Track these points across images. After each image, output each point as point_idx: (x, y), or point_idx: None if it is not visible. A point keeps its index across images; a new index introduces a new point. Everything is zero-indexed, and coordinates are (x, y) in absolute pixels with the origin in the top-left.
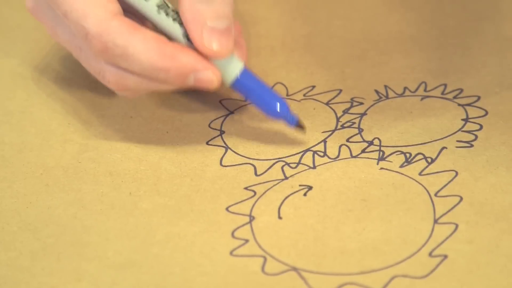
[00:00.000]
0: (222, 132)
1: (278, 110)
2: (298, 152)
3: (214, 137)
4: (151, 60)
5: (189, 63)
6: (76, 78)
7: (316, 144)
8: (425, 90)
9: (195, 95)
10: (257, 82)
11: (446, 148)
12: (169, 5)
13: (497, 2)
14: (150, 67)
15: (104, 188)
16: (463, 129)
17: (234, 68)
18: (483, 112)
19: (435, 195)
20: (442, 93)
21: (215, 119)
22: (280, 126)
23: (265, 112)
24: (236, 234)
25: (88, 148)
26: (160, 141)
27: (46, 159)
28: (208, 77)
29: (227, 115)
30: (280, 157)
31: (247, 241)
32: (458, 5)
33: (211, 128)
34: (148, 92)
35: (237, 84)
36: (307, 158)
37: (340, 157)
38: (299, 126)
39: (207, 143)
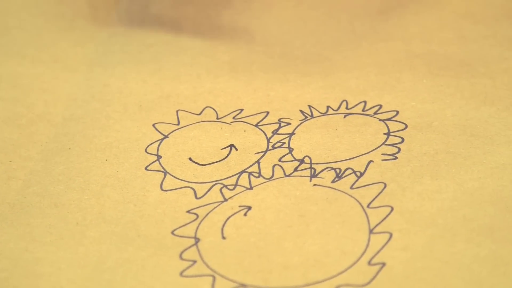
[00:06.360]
0: (159, 157)
1: None
2: (234, 174)
3: (152, 162)
4: None
5: None
6: (14, 117)
7: (251, 166)
8: (347, 108)
9: (129, 121)
10: None
11: (372, 161)
12: None
13: (405, 23)
14: None
15: (51, 220)
16: (386, 143)
17: None
18: (403, 126)
19: (368, 206)
20: (363, 110)
21: (151, 144)
22: (214, 148)
23: None
24: (184, 255)
25: (32, 183)
26: (100, 169)
27: None
28: None
29: (162, 140)
30: (217, 179)
31: (195, 262)
32: (368, 27)
33: (148, 153)
34: None
35: None
36: (244, 179)
37: (274, 177)
38: None
39: (146, 169)
